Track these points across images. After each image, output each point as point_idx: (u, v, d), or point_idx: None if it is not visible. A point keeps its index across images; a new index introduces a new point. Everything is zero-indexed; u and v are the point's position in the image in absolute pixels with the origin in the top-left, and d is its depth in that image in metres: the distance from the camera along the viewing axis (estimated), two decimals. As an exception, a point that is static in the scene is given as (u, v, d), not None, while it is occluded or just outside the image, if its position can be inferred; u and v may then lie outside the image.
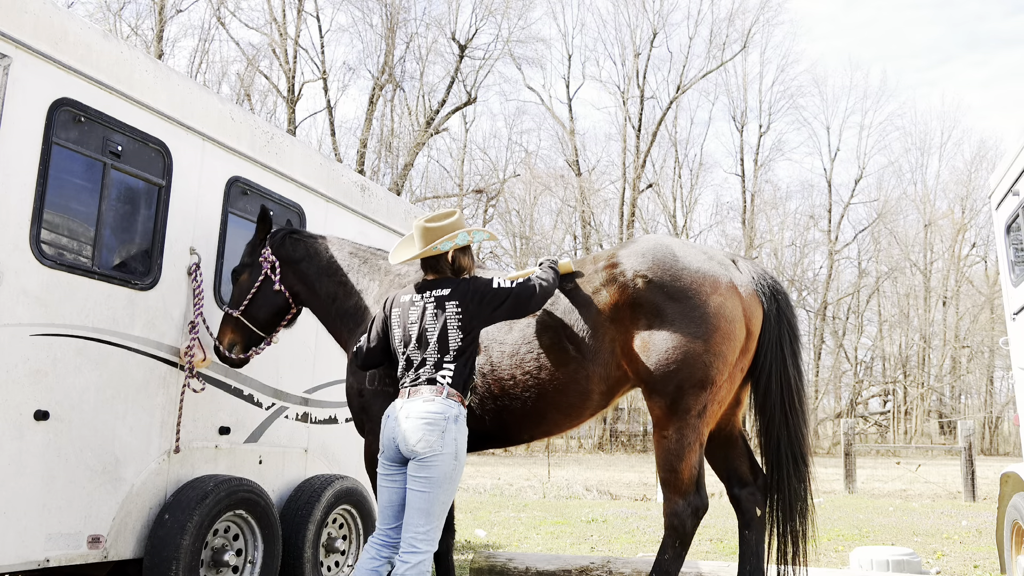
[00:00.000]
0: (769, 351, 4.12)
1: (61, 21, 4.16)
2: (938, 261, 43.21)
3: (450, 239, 3.84)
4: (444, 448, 3.60)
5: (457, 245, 3.87)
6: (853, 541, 9.13)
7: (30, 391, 3.93)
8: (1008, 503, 5.58)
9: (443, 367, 3.73)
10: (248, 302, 4.73)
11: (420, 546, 3.56)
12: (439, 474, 3.60)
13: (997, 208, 6.10)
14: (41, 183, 3.99)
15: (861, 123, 61.12)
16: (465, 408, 3.79)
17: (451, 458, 3.62)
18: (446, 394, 3.69)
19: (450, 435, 3.62)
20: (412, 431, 3.61)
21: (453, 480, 3.65)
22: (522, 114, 49.50)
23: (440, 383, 3.71)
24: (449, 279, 3.88)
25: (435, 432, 3.60)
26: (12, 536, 3.81)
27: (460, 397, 3.74)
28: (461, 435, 3.68)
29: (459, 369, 3.75)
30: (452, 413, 3.66)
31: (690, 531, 3.97)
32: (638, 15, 40.81)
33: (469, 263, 3.96)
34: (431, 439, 3.59)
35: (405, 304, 3.91)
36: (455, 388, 3.73)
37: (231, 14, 32.38)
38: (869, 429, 42.60)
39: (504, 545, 8.86)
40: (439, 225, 3.85)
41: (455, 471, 3.65)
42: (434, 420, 3.61)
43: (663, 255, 4.06)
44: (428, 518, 3.59)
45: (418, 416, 3.63)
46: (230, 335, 4.75)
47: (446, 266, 3.91)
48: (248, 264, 4.85)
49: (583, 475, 20.15)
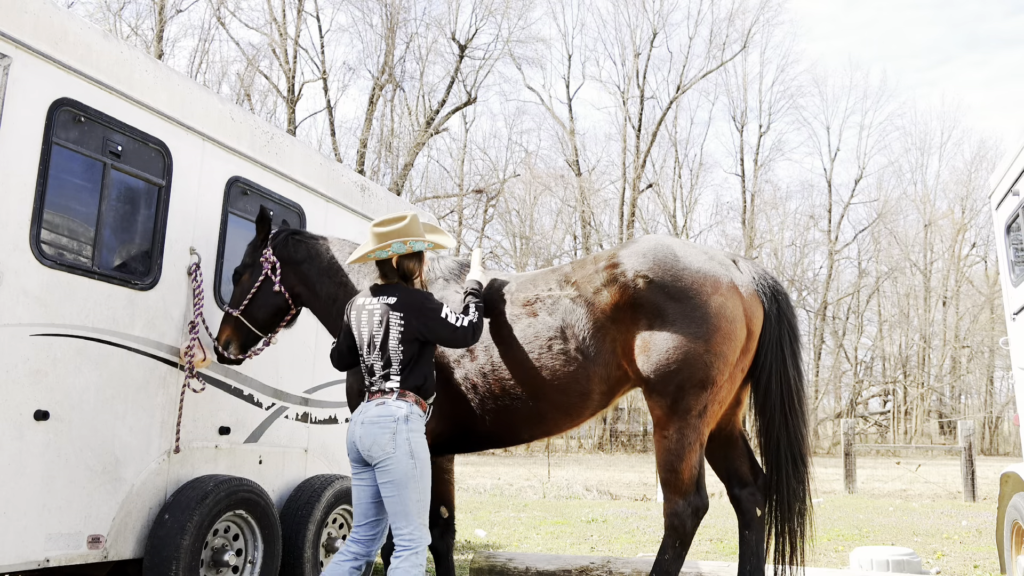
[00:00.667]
0: (769, 351, 4.12)
1: (61, 21, 4.16)
2: (938, 261, 43.22)
3: (386, 247, 3.89)
4: (397, 449, 3.68)
5: (394, 253, 3.91)
6: (853, 541, 9.13)
7: (30, 391, 3.93)
8: (1008, 503, 5.58)
9: (391, 375, 3.82)
10: (248, 302, 4.73)
11: (409, 544, 3.67)
12: (399, 475, 3.68)
13: (997, 208, 6.10)
14: (41, 183, 3.99)
15: (861, 123, 61.26)
16: (423, 409, 3.86)
17: (407, 457, 3.69)
18: (396, 395, 3.78)
19: (401, 436, 3.70)
20: (365, 436, 3.73)
21: (417, 479, 3.71)
22: (522, 114, 49.56)
23: (392, 388, 3.80)
24: (400, 287, 3.93)
25: (386, 434, 3.69)
26: (12, 536, 3.81)
27: (415, 398, 3.81)
28: (414, 434, 3.74)
29: (408, 375, 3.82)
30: (402, 414, 3.73)
31: (690, 531, 3.97)
32: (638, 15, 40.84)
33: (415, 267, 4.01)
34: (382, 442, 3.69)
35: (360, 308, 3.98)
36: (408, 390, 3.80)
37: (231, 14, 32.40)
38: (869, 429, 42.61)
39: (504, 545, 8.86)
40: (386, 230, 3.91)
41: (415, 469, 3.70)
42: (383, 423, 3.71)
43: (664, 255, 4.06)
44: (407, 519, 3.68)
45: (370, 420, 3.74)
46: (228, 333, 4.76)
47: (391, 271, 3.98)
48: (249, 264, 4.85)
49: (583, 475, 20.15)
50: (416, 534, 3.68)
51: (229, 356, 4.77)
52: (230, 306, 4.80)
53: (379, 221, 3.98)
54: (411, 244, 3.90)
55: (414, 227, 3.93)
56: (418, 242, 3.93)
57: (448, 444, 4.46)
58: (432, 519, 4.73)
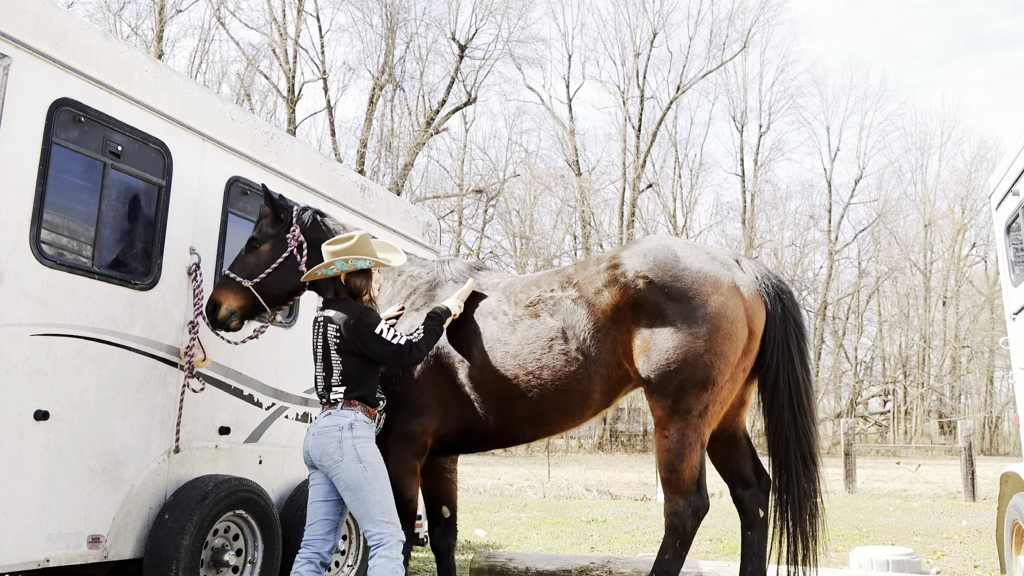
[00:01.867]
0: (775, 350, 4.11)
1: (61, 21, 4.16)
2: (938, 261, 43.22)
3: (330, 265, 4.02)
4: (344, 456, 3.82)
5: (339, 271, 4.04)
6: (853, 541, 9.13)
7: (30, 391, 3.92)
8: (1008, 503, 5.58)
9: (334, 386, 3.96)
10: (266, 276, 4.59)
11: (379, 542, 3.80)
12: (350, 480, 3.82)
13: (997, 208, 6.10)
14: (41, 183, 3.98)
15: (861, 123, 61.13)
16: (371, 416, 3.97)
17: (354, 463, 3.81)
18: (341, 405, 3.91)
19: (347, 443, 3.83)
20: (315, 446, 3.89)
21: (371, 482, 3.82)
22: (522, 114, 49.51)
23: (336, 399, 3.93)
24: (342, 303, 4.05)
25: (332, 443, 3.84)
26: (12, 536, 3.81)
27: (361, 407, 3.93)
28: (360, 440, 3.86)
29: (351, 386, 3.93)
30: (346, 422, 3.86)
31: (691, 531, 3.97)
32: (638, 15, 40.83)
33: (363, 284, 4.11)
34: (330, 450, 3.84)
35: (313, 321, 4.13)
36: (353, 399, 3.92)
37: (231, 14, 32.38)
38: (869, 429, 42.60)
39: (504, 545, 8.85)
40: (333, 248, 4.06)
41: (366, 472, 3.82)
42: (329, 432, 3.86)
43: (664, 256, 4.06)
44: (371, 521, 3.82)
45: (318, 431, 3.90)
46: (235, 303, 4.58)
47: (340, 287, 4.09)
48: (271, 236, 4.69)
49: (583, 475, 20.15)
50: (384, 531, 3.80)
51: (230, 325, 4.61)
52: (239, 275, 4.60)
53: (331, 240, 4.17)
54: (353, 262, 4.02)
55: (361, 246, 4.07)
56: (360, 260, 4.04)
57: (452, 445, 4.46)
58: (433, 519, 4.74)
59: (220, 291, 4.64)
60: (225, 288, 4.63)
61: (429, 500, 4.82)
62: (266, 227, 4.75)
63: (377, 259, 4.13)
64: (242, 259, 4.71)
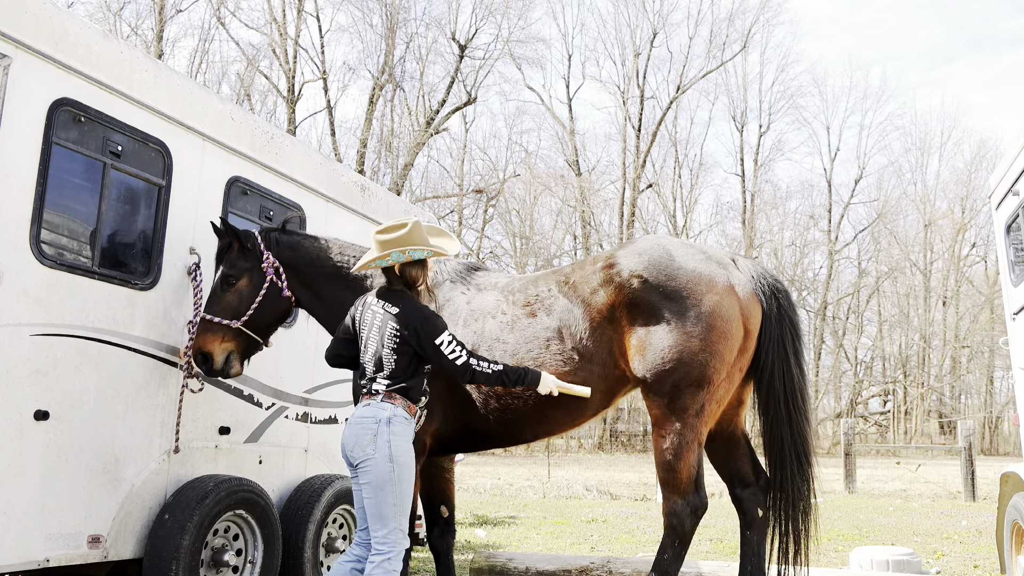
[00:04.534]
0: (771, 349, 4.12)
1: (61, 21, 4.16)
2: (938, 261, 43.23)
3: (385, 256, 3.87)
4: (377, 451, 3.65)
5: (394, 262, 3.90)
6: (853, 541, 9.13)
7: (30, 391, 3.93)
8: (1008, 503, 5.58)
9: (380, 378, 3.82)
10: (253, 311, 4.54)
11: (382, 548, 3.65)
12: (376, 478, 3.65)
13: (997, 208, 6.10)
14: (41, 183, 3.99)
15: (861, 123, 61.29)
16: (411, 413, 3.81)
17: (385, 460, 3.65)
18: (382, 397, 3.76)
19: (382, 438, 3.67)
20: (350, 437, 3.73)
21: (396, 483, 3.67)
22: (522, 114, 49.52)
23: (379, 390, 3.79)
24: (405, 297, 3.91)
25: (366, 436, 3.67)
26: (12, 536, 3.81)
27: (403, 402, 3.78)
28: (396, 437, 3.70)
29: (398, 380, 3.80)
30: (384, 416, 3.71)
31: (689, 531, 3.97)
32: (638, 15, 40.84)
33: (418, 274, 3.98)
34: (363, 443, 3.68)
35: (366, 306, 3.98)
36: (396, 393, 3.78)
37: (231, 14, 32.39)
38: (869, 429, 42.60)
39: (504, 545, 8.86)
40: (387, 238, 3.88)
41: (393, 473, 3.67)
42: (366, 424, 3.70)
43: (659, 255, 4.07)
44: (382, 522, 3.66)
45: (355, 422, 3.74)
46: (229, 347, 4.52)
47: (395, 278, 3.96)
48: (247, 269, 4.61)
49: (583, 475, 20.15)
50: (391, 538, 3.65)
51: (230, 372, 4.56)
52: (223, 317, 4.51)
53: (381, 228, 3.96)
54: (410, 253, 3.88)
55: (415, 234, 3.89)
56: (417, 251, 3.89)
57: (452, 444, 4.46)
58: (432, 519, 4.73)
59: (206, 337, 4.49)
60: (210, 333, 4.49)
61: (427, 500, 4.82)
62: (236, 260, 4.63)
63: (434, 249, 3.99)
64: (220, 298, 4.58)
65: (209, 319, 4.52)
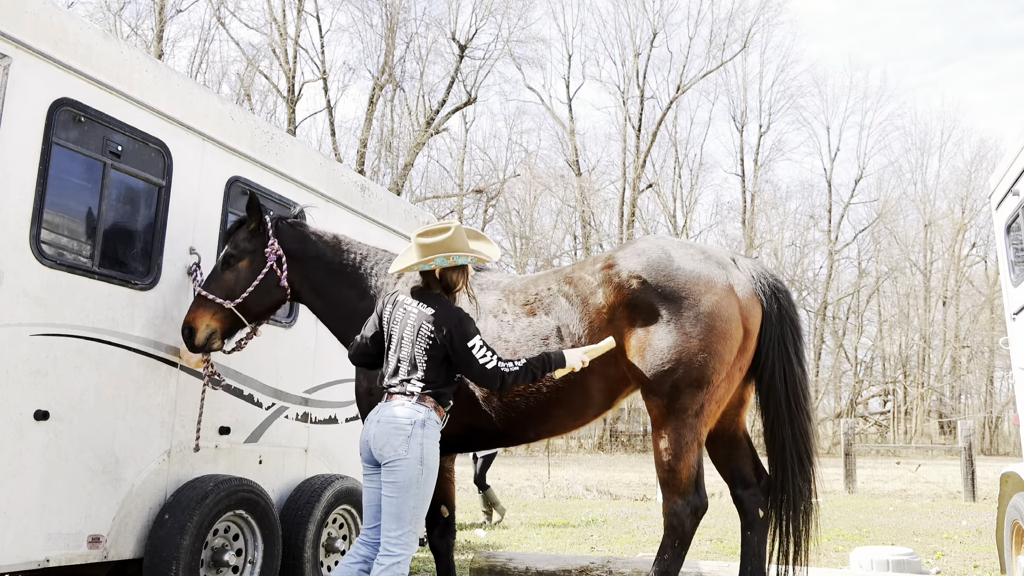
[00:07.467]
0: (771, 349, 4.12)
1: (61, 21, 4.16)
2: (938, 261, 43.25)
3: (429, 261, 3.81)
4: (409, 453, 3.63)
5: (437, 267, 3.86)
6: (853, 541, 9.13)
7: (30, 391, 3.93)
8: (1008, 503, 5.58)
9: (414, 379, 3.76)
10: (248, 295, 4.52)
11: (393, 550, 3.61)
12: (405, 479, 3.62)
13: (997, 208, 6.10)
14: (41, 183, 3.98)
15: (861, 123, 61.36)
16: (440, 415, 3.79)
17: (416, 463, 3.63)
18: (416, 399, 3.72)
19: (416, 440, 3.64)
20: (380, 435, 3.67)
21: (421, 485, 3.65)
22: (522, 114, 49.56)
23: (413, 391, 3.74)
24: (442, 301, 3.86)
25: (400, 436, 3.64)
26: (12, 536, 3.81)
27: (434, 404, 3.75)
28: (429, 440, 3.68)
29: (431, 382, 3.76)
30: (420, 418, 3.67)
31: (689, 531, 3.97)
32: (638, 15, 40.86)
33: (459, 279, 3.93)
34: (396, 443, 3.63)
35: (398, 304, 3.92)
36: (428, 395, 3.74)
37: (231, 14, 32.42)
38: (869, 429, 42.61)
39: (504, 545, 8.86)
40: (430, 241, 3.83)
41: (422, 476, 3.65)
42: (400, 424, 3.65)
43: (658, 256, 4.07)
44: (399, 523, 3.63)
45: (387, 420, 3.68)
46: (214, 324, 4.48)
47: (435, 282, 3.91)
48: (248, 252, 4.60)
49: (583, 475, 20.16)
50: (403, 540, 3.63)
51: (211, 346, 4.51)
52: (217, 295, 4.48)
53: (423, 231, 3.89)
54: (454, 258, 3.83)
55: (458, 239, 3.85)
56: (462, 256, 3.84)
57: (454, 444, 4.46)
58: (432, 518, 4.73)
59: (197, 312, 4.48)
60: (202, 309, 4.49)
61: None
62: (242, 241, 4.62)
63: (478, 255, 3.93)
64: (218, 276, 4.58)
65: (203, 295, 4.52)
